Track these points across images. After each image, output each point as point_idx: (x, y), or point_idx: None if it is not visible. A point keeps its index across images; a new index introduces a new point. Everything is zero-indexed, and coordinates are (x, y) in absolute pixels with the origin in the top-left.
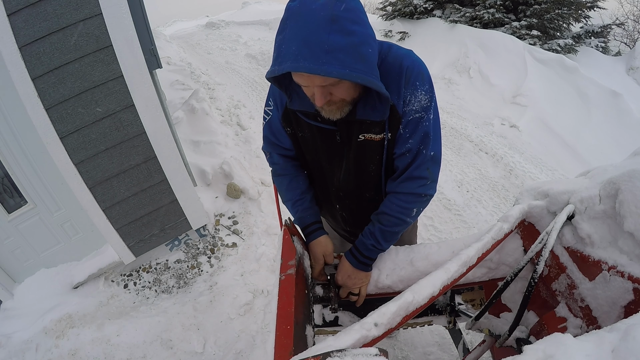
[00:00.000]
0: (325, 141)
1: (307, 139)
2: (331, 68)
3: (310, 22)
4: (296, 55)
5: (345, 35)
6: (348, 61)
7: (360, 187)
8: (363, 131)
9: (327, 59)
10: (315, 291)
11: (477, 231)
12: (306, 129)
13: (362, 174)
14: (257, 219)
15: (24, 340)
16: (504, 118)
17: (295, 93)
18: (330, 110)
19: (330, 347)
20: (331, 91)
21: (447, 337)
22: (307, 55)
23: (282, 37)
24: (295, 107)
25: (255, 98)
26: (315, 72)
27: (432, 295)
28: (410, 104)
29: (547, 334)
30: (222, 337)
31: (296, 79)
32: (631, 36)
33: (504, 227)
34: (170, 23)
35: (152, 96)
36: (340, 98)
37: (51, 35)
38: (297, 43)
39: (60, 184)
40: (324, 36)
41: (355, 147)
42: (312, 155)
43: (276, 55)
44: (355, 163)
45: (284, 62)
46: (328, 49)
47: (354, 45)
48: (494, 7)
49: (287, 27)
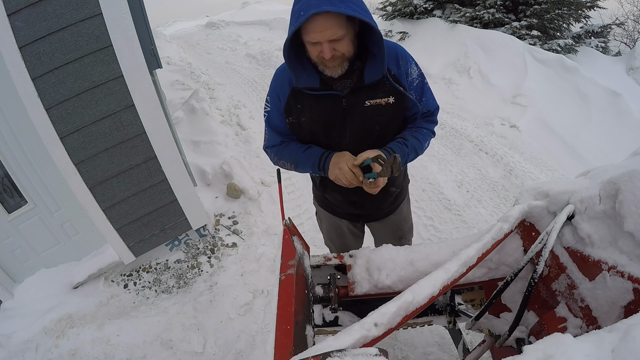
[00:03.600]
0: (330, 110)
1: (310, 120)
2: (347, 9)
3: None
4: (318, 3)
5: None
6: (357, 9)
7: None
8: (369, 97)
9: (342, 5)
10: (315, 291)
11: (477, 231)
12: (308, 109)
13: (368, 135)
14: (257, 219)
15: (24, 340)
16: (504, 118)
17: (299, 73)
18: (333, 66)
19: (330, 347)
20: (335, 47)
21: (447, 337)
22: (326, 2)
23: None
24: (302, 84)
25: (255, 98)
26: (337, 11)
27: (432, 295)
28: (411, 75)
29: (547, 334)
30: (222, 337)
31: (309, 37)
32: (631, 36)
33: (504, 227)
34: (170, 23)
35: (152, 96)
36: (341, 53)
37: (51, 35)
38: None
39: (60, 184)
40: None
41: (361, 111)
42: (316, 132)
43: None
44: (361, 126)
45: (307, 10)
46: None
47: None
48: (494, 7)
49: None
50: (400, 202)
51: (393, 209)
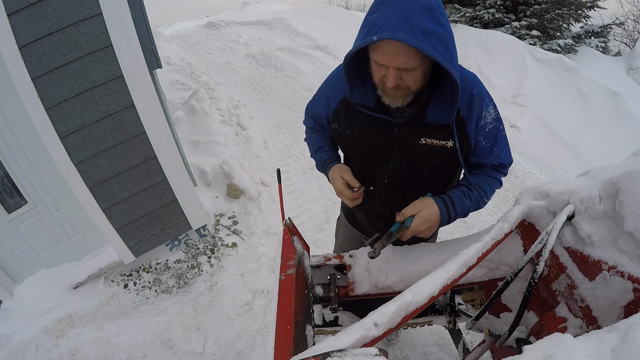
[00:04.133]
0: (379, 135)
1: (355, 137)
2: (426, 46)
3: (410, 6)
4: (395, 27)
5: (438, 25)
6: (439, 47)
7: (408, 186)
8: (427, 135)
9: (423, 38)
10: (315, 291)
11: (477, 231)
12: (356, 126)
13: (413, 174)
14: (257, 219)
15: (24, 340)
16: (504, 118)
17: (355, 86)
18: (394, 95)
19: (330, 347)
20: (402, 76)
21: (447, 337)
22: (406, 29)
23: (378, 14)
24: (355, 99)
25: (255, 98)
26: (414, 45)
27: (432, 295)
28: (485, 118)
29: (547, 334)
30: (222, 337)
31: (376, 56)
32: (631, 36)
33: (504, 227)
34: (170, 23)
35: (152, 96)
36: (407, 85)
37: (51, 35)
38: (396, 18)
39: (60, 184)
40: (422, 19)
41: (412, 147)
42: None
43: (369, 29)
44: (408, 162)
45: (380, 32)
46: (425, 30)
47: (444, 36)
48: (494, 7)
49: (384, 6)
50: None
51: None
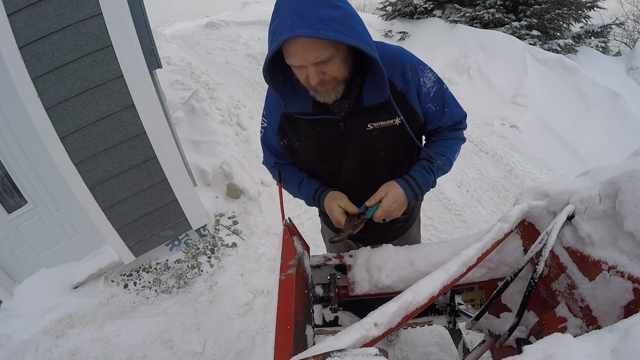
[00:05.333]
0: (327, 135)
1: (306, 145)
2: (326, 32)
3: (302, 2)
4: (292, 25)
5: (334, 9)
6: (340, 28)
7: (369, 176)
8: (371, 120)
9: (321, 26)
10: (315, 291)
11: (477, 231)
12: (303, 135)
13: (371, 161)
14: (257, 219)
15: (24, 340)
16: (504, 118)
17: (288, 96)
18: (325, 91)
19: (330, 347)
20: (323, 70)
21: (447, 337)
22: (302, 24)
23: (276, 21)
24: (291, 109)
25: (255, 98)
26: (312, 36)
27: (432, 295)
28: (425, 85)
29: (547, 334)
30: (222, 337)
31: (290, 60)
32: (631, 36)
33: (504, 227)
34: (170, 23)
35: (152, 96)
36: (332, 76)
37: (51, 35)
38: (292, 17)
39: (60, 184)
40: (316, 9)
41: (361, 136)
42: (313, 159)
43: (272, 37)
44: (362, 152)
45: (280, 35)
46: (321, 18)
47: (343, 17)
48: (494, 7)
49: (280, 12)
50: (409, 225)
51: (400, 233)
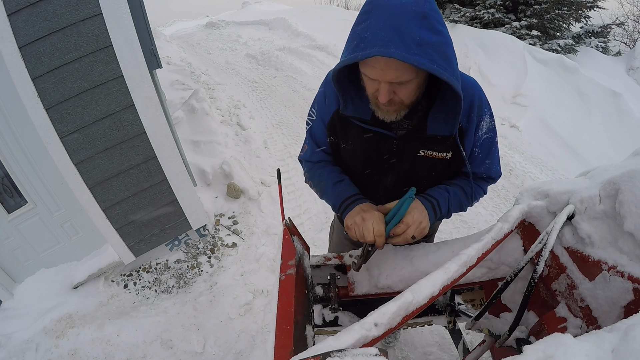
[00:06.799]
0: (377, 149)
1: (351, 150)
2: (422, 60)
3: (401, 14)
4: (386, 41)
5: (434, 33)
6: (436, 58)
7: None
8: (425, 147)
9: (418, 51)
10: (315, 291)
11: (477, 231)
12: (352, 139)
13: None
14: (257, 219)
15: (24, 340)
16: (504, 118)
17: (349, 98)
18: (387, 110)
19: (330, 347)
20: (396, 90)
21: (447, 337)
22: (398, 43)
23: (366, 25)
24: (349, 112)
25: (255, 98)
26: (407, 61)
27: (432, 295)
28: (483, 128)
29: (547, 334)
30: (222, 337)
31: (367, 70)
32: (631, 36)
33: (504, 227)
34: (170, 23)
35: (152, 96)
36: (400, 99)
37: (51, 35)
38: (386, 31)
39: (60, 184)
40: (415, 29)
41: (410, 161)
42: (354, 166)
43: (357, 42)
44: (407, 176)
45: (370, 47)
46: (420, 41)
47: (441, 44)
48: (494, 7)
49: (372, 16)
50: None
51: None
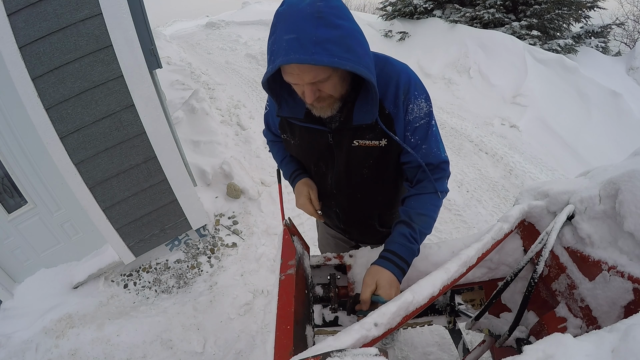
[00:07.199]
0: (317, 143)
1: (299, 146)
2: (321, 57)
3: (298, 20)
4: (287, 49)
5: (332, 29)
6: (336, 51)
7: (353, 188)
8: (357, 137)
9: (316, 50)
10: (315, 291)
11: (477, 231)
12: (297, 136)
13: (354, 176)
14: (257, 219)
15: (24, 340)
16: (504, 118)
17: (284, 100)
18: (321, 107)
19: (330, 347)
20: (320, 87)
21: (447, 337)
22: (297, 48)
23: (274, 38)
24: (285, 114)
25: (255, 98)
26: (306, 62)
27: (432, 295)
28: (414, 112)
29: (547, 334)
30: (222, 337)
31: (287, 78)
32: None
33: (504, 227)
34: (170, 23)
35: (152, 96)
36: (328, 94)
37: (51, 35)
38: (287, 39)
39: (60, 184)
40: (311, 30)
41: (347, 151)
42: (305, 159)
43: (269, 55)
44: (346, 166)
45: (276, 58)
46: (316, 40)
47: (341, 37)
48: (494, 7)
49: (277, 29)
50: None
51: None
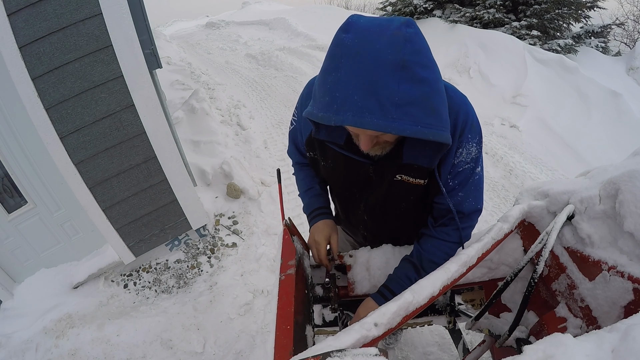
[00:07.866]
0: (355, 172)
1: (331, 169)
2: (403, 125)
3: (376, 67)
4: (360, 107)
5: (416, 84)
6: (420, 116)
7: (387, 217)
8: (402, 172)
9: (397, 114)
10: (315, 291)
11: (477, 231)
12: (331, 159)
13: (391, 209)
14: (257, 219)
15: (24, 340)
16: (504, 118)
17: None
18: (372, 149)
19: (330, 347)
20: (378, 136)
21: (447, 337)
22: (374, 108)
23: (336, 78)
24: (322, 137)
25: (255, 98)
26: (386, 130)
27: (432, 295)
28: (462, 156)
29: (547, 334)
30: (222, 337)
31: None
32: (631, 36)
33: (504, 227)
34: (170, 23)
35: (152, 96)
36: (384, 140)
37: (51, 35)
38: (360, 92)
39: (60, 184)
40: (393, 86)
41: (388, 185)
42: (335, 183)
43: (329, 99)
44: (384, 199)
45: (342, 112)
46: (399, 101)
47: (425, 97)
48: (494, 7)
49: (343, 67)
50: None
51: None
